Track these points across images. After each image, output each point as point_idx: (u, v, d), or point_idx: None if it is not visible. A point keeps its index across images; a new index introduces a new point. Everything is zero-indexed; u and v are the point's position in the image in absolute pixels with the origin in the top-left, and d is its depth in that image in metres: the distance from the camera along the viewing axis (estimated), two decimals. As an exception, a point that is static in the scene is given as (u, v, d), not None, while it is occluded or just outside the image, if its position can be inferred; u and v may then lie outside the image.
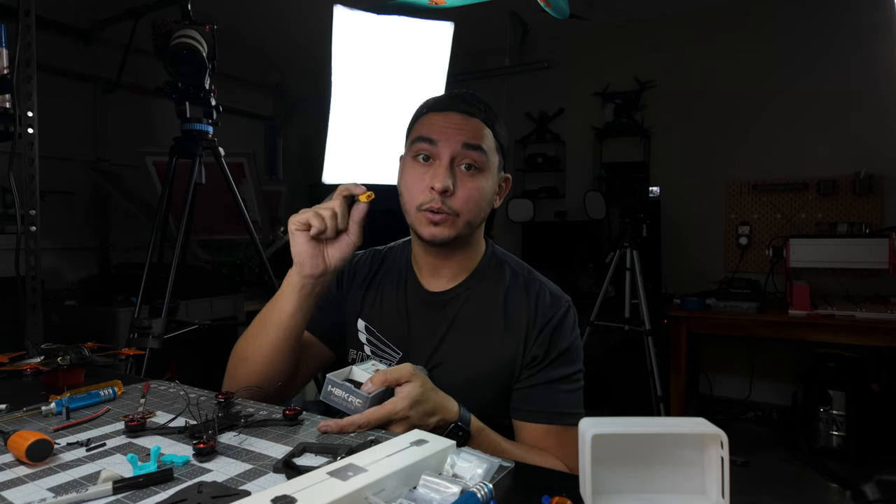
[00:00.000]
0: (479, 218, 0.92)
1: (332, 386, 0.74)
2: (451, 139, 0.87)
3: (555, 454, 0.89)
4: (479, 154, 0.87)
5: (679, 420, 0.52)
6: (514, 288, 0.95)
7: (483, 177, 0.89)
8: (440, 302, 0.96)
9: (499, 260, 1.00)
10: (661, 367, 2.82)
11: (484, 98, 0.96)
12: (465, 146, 0.87)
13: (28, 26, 1.69)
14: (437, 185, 0.85)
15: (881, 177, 3.27)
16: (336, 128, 2.28)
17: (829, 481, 2.51)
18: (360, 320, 1.01)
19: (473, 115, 0.89)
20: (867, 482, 0.37)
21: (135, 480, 0.55)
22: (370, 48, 2.29)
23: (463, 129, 0.88)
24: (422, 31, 2.37)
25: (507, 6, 3.73)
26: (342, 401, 0.73)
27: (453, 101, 0.91)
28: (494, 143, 0.91)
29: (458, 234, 0.90)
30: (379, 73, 2.32)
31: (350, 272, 1.07)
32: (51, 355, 0.91)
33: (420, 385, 0.74)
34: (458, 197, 0.87)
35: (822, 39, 3.42)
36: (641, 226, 3.04)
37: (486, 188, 0.90)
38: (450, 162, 0.87)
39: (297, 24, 3.64)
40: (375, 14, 2.28)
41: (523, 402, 0.91)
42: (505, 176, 0.98)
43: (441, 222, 0.88)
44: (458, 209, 0.88)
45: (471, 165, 0.88)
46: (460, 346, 0.93)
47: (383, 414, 0.71)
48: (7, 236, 2.51)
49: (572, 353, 0.92)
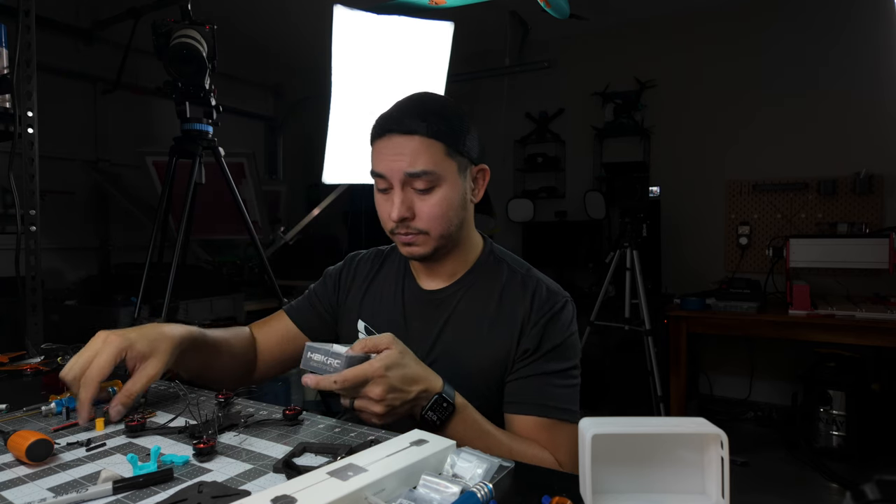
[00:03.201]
0: (454, 225, 0.91)
1: (311, 352, 0.74)
2: (394, 171, 0.87)
3: (551, 449, 0.87)
4: (424, 177, 0.86)
5: (679, 420, 0.52)
6: (511, 284, 0.95)
7: (441, 189, 0.88)
8: (436, 300, 0.97)
9: (496, 257, 1.00)
10: (661, 367, 2.82)
11: (434, 97, 0.93)
12: (407, 175, 0.86)
13: (28, 26, 1.69)
14: (394, 216, 0.87)
15: (881, 177, 3.27)
16: (336, 128, 2.28)
17: (829, 481, 2.51)
18: (360, 321, 1.01)
19: (414, 133, 0.86)
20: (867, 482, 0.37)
21: (135, 480, 0.55)
22: (370, 48, 2.29)
23: (402, 156, 0.86)
24: (422, 31, 2.37)
25: (507, 6, 3.73)
26: (321, 365, 0.72)
27: (391, 122, 0.88)
28: (445, 150, 0.87)
29: (436, 247, 0.91)
30: (379, 73, 2.31)
31: (350, 273, 1.08)
32: (51, 355, 0.91)
33: (399, 351, 0.74)
34: (421, 218, 0.88)
35: (822, 39, 3.42)
36: (641, 226, 3.04)
37: (449, 197, 0.89)
38: (402, 188, 0.87)
39: (297, 25, 3.64)
40: (375, 14, 2.28)
41: (514, 395, 0.90)
42: (479, 168, 0.95)
43: (412, 243, 0.90)
44: (425, 228, 0.89)
45: (422, 187, 0.87)
46: (456, 342, 0.93)
47: (359, 373, 0.70)
48: (7, 236, 2.51)
49: (567, 349, 0.91)
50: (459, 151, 0.90)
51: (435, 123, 0.87)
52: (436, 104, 0.91)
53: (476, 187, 0.96)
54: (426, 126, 0.86)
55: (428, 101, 0.92)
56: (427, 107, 0.89)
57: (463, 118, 0.92)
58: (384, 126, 0.89)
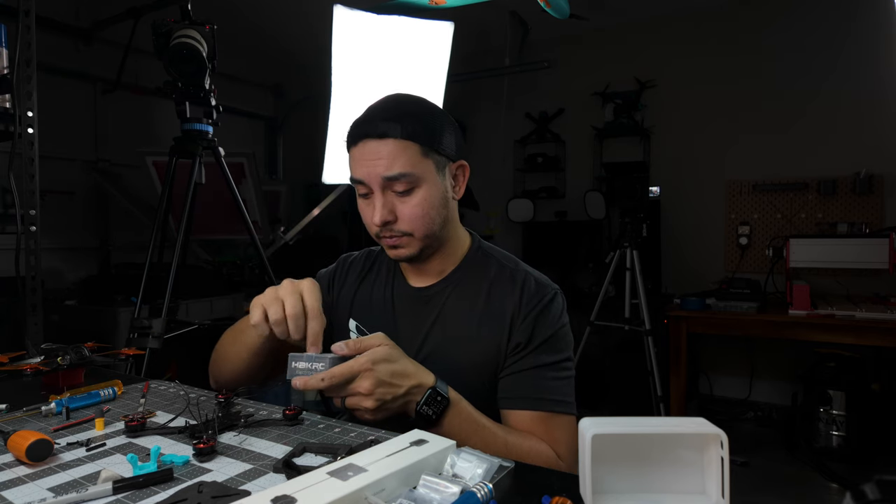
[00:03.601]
0: (436, 224, 0.91)
1: (294, 361, 0.73)
2: (372, 176, 0.87)
3: (550, 443, 0.87)
4: (402, 180, 0.86)
5: (679, 420, 0.52)
6: (499, 279, 0.95)
7: (420, 190, 0.88)
8: (424, 297, 0.98)
9: (484, 253, 1.00)
10: (661, 367, 2.82)
11: (407, 97, 0.93)
12: (385, 179, 0.87)
13: (28, 26, 1.70)
14: (376, 220, 0.88)
15: (881, 177, 3.27)
16: (336, 128, 2.28)
17: (829, 481, 2.51)
18: (352, 320, 1.02)
19: (387, 135, 0.86)
20: (867, 482, 0.37)
21: (135, 480, 0.55)
22: (370, 48, 2.29)
23: (379, 160, 0.86)
24: (422, 31, 2.37)
25: (507, 6, 3.73)
26: (306, 371, 0.72)
27: (364, 126, 0.89)
28: (421, 150, 0.87)
29: (422, 248, 0.92)
30: (379, 73, 2.31)
31: (342, 273, 1.09)
32: (51, 355, 0.91)
33: (388, 347, 0.75)
34: (403, 220, 0.89)
35: (821, 39, 3.42)
36: (641, 226, 3.04)
37: (430, 197, 0.89)
38: (383, 192, 0.88)
39: (297, 24, 3.64)
40: (375, 14, 2.28)
41: (508, 390, 0.90)
42: (458, 164, 0.94)
43: (398, 245, 0.91)
44: (409, 230, 0.89)
45: (402, 189, 0.87)
46: (445, 339, 0.93)
47: (345, 369, 0.71)
48: (7, 236, 2.51)
49: (559, 341, 0.91)
50: (436, 150, 0.89)
51: (409, 125, 0.87)
52: (409, 105, 0.91)
53: (457, 184, 0.95)
54: (400, 128, 0.86)
55: (401, 102, 0.92)
56: (400, 108, 0.89)
57: (437, 116, 0.91)
58: (358, 132, 0.89)
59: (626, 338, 3.12)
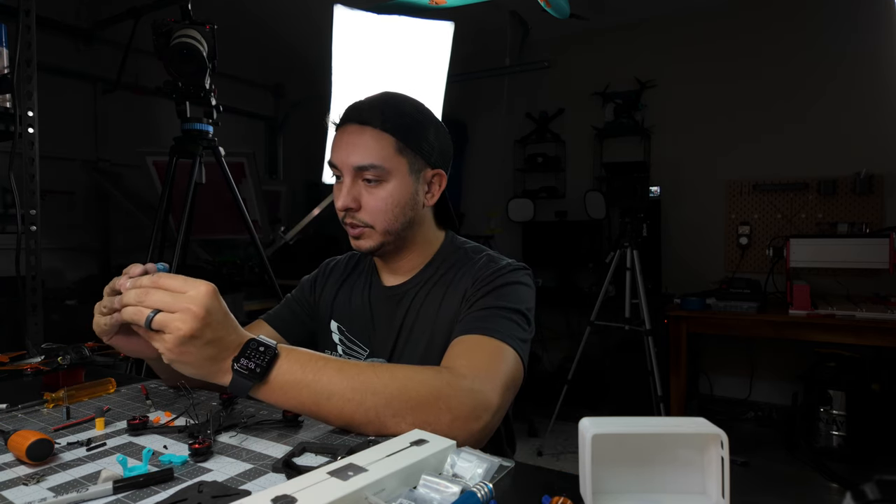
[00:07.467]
0: (399, 223, 0.91)
1: None
2: (344, 161, 0.89)
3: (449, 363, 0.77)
4: (372, 170, 0.87)
5: (679, 420, 0.52)
6: (462, 266, 0.96)
7: (388, 185, 0.88)
8: (396, 296, 0.98)
9: (456, 247, 1.01)
10: (661, 367, 2.82)
11: (402, 96, 0.93)
12: (355, 168, 0.88)
13: (28, 26, 1.70)
14: (338, 204, 0.90)
15: (881, 177, 3.27)
16: (336, 128, 2.28)
17: (829, 481, 2.51)
18: (333, 321, 1.03)
19: (367, 124, 0.87)
20: (867, 482, 0.37)
21: (135, 480, 0.55)
22: (370, 48, 2.29)
23: (354, 148, 0.87)
24: (422, 31, 2.37)
25: (507, 6, 3.73)
26: None
27: (351, 111, 0.91)
28: (396, 146, 0.88)
29: (382, 243, 0.92)
30: (379, 73, 2.32)
31: (324, 277, 1.10)
32: (51, 355, 0.91)
33: (217, 301, 0.68)
34: (366, 210, 0.90)
35: (822, 39, 3.42)
36: (641, 226, 3.04)
37: (396, 194, 0.89)
38: (352, 179, 0.89)
39: (297, 24, 3.64)
40: (375, 14, 2.28)
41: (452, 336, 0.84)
42: (435, 172, 0.94)
43: (359, 236, 0.92)
44: (370, 221, 0.90)
45: (370, 179, 0.88)
46: (416, 334, 0.94)
47: (171, 282, 0.66)
48: (7, 236, 2.51)
49: (511, 294, 0.87)
50: (413, 150, 0.90)
51: (391, 119, 0.88)
52: (398, 101, 0.92)
53: (430, 191, 0.95)
54: (381, 119, 0.88)
55: (392, 97, 0.93)
56: (388, 102, 0.91)
57: (424, 119, 0.92)
58: (344, 115, 0.92)
59: (627, 338, 3.12)
